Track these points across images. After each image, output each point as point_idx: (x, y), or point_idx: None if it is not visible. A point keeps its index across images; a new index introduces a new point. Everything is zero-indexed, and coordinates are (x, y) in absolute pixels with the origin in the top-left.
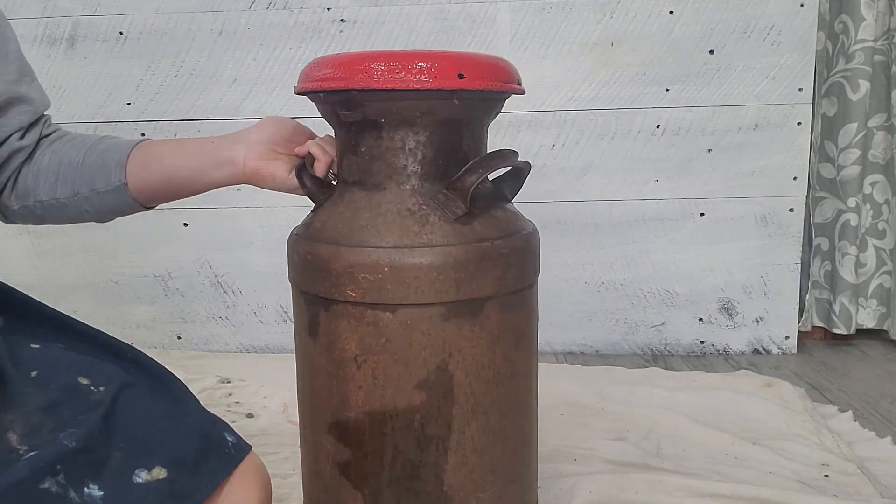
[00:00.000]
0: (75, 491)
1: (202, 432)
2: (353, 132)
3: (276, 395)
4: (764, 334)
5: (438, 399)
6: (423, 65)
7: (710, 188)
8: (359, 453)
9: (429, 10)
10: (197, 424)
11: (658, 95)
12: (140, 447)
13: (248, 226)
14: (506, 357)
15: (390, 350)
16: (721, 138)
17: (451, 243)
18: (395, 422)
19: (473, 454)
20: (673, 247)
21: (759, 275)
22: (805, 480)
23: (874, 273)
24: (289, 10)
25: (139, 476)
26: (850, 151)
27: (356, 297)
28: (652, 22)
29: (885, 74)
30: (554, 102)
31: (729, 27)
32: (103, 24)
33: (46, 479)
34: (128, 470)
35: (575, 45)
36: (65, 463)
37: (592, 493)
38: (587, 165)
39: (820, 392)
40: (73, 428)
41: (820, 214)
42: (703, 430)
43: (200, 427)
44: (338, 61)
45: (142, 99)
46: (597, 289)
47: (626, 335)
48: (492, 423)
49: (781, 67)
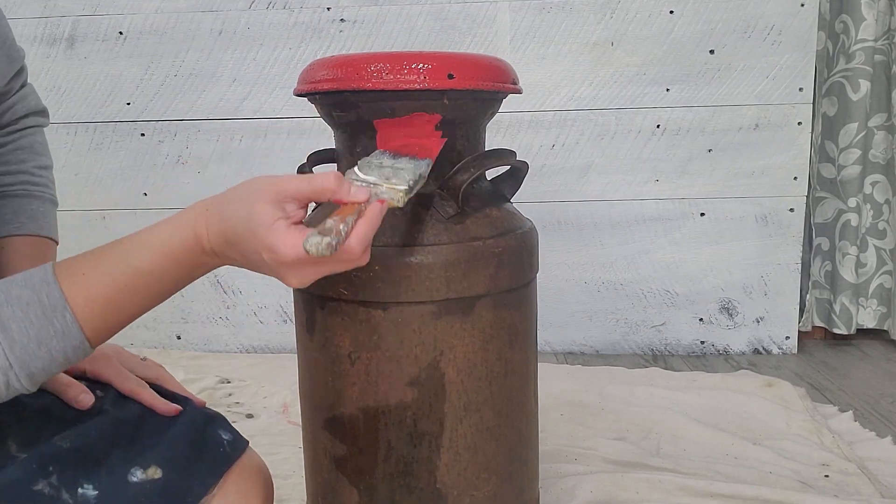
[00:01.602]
0: (68, 492)
1: (196, 430)
2: (349, 132)
3: (277, 395)
4: (764, 334)
5: (430, 396)
6: (414, 66)
7: (710, 188)
8: (354, 449)
9: (429, 9)
10: (191, 422)
11: (658, 95)
12: (136, 445)
13: None
14: (499, 355)
15: (383, 347)
16: (721, 138)
17: (441, 242)
18: (387, 418)
19: (467, 451)
20: (673, 247)
21: (760, 275)
22: (805, 480)
23: (874, 273)
24: (288, 10)
25: (134, 475)
26: (850, 151)
27: (349, 295)
28: (652, 22)
29: (886, 74)
30: (554, 102)
31: (729, 27)
32: (103, 24)
33: (39, 481)
34: (123, 469)
35: (575, 45)
36: (58, 464)
37: (593, 492)
38: (587, 165)
39: (820, 392)
40: (69, 429)
41: (820, 214)
42: (703, 429)
43: (194, 425)
44: (332, 63)
45: (141, 99)
46: (597, 289)
47: (626, 335)
48: (485, 421)
49: (782, 67)
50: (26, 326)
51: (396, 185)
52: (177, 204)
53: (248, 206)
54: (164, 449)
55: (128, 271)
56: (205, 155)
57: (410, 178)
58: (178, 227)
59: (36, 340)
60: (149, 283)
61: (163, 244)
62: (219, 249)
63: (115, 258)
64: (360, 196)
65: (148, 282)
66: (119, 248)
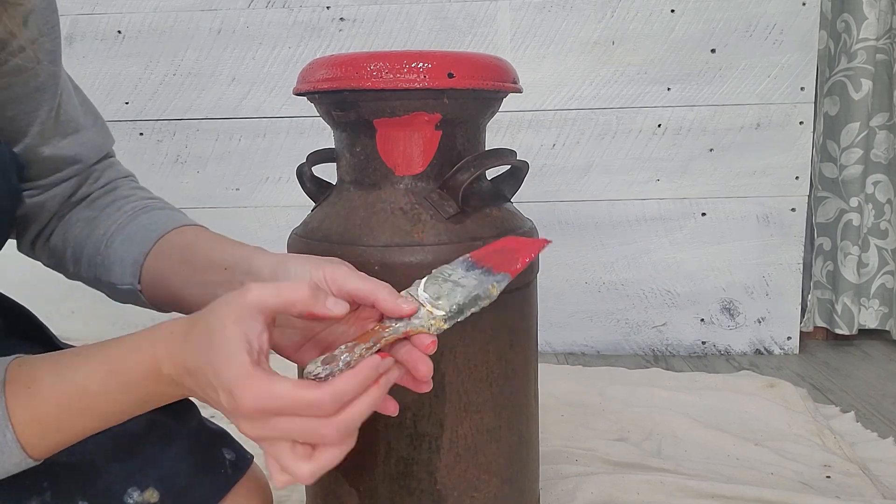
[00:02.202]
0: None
1: (200, 450)
2: (349, 132)
3: None
4: (766, 334)
5: (430, 397)
6: (413, 65)
7: (711, 188)
8: (353, 450)
9: (429, 8)
10: (195, 442)
11: (659, 95)
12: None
13: (247, 226)
14: (500, 356)
15: None
16: (722, 138)
17: (441, 242)
18: (387, 419)
19: (467, 453)
20: (674, 247)
21: (761, 275)
22: (807, 481)
23: (876, 273)
24: (288, 9)
25: (131, 496)
26: (852, 151)
27: None
28: (653, 21)
29: (888, 73)
30: (554, 102)
31: (730, 26)
32: (101, 23)
33: (32, 497)
34: (120, 488)
35: (576, 44)
36: (52, 479)
37: (594, 493)
38: (588, 165)
39: (822, 392)
40: None
41: (822, 214)
42: (704, 430)
43: (199, 444)
44: (331, 62)
45: (140, 98)
46: (598, 289)
47: (627, 335)
48: (486, 422)
49: (783, 66)
50: None
51: (436, 310)
52: (176, 203)
53: (209, 331)
54: (164, 468)
55: (75, 390)
56: (204, 154)
57: (460, 299)
58: (136, 347)
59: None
60: (95, 405)
61: (114, 364)
62: (178, 378)
63: (65, 372)
64: (403, 309)
65: (94, 403)
66: (73, 359)
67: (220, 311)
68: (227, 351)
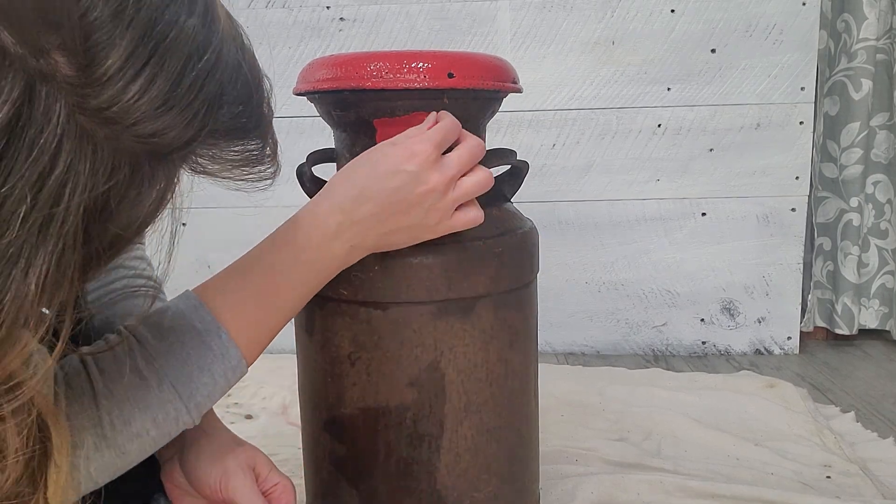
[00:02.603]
0: None
1: None
2: (349, 132)
3: (276, 395)
4: (766, 335)
5: (430, 397)
6: (413, 65)
7: (711, 188)
8: (353, 450)
9: (429, 8)
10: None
11: (659, 94)
12: None
13: (247, 226)
14: (500, 356)
15: (382, 347)
16: (722, 138)
17: (441, 242)
18: (387, 419)
19: (467, 453)
20: (674, 247)
21: (761, 275)
22: (807, 481)
23: (876, 273)
24: (288, 9)
25: None
26: (852, 151)
27: (348, 295)
28: (653, 21)
29: (888, 73)
30: (554, 102)
31: (730, 26)
32: None
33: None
34: None
35: (576, 44)
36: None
37: (594, 493)
38: (588, 165)
39: (822, 393)
40: None
41: (822, 214)
42: (704, 430)
43: None
44: (331, 62)
45: None
46: (597, 289)
47: (626, 335)
48: (486, 423)
49: (783, 66)
50: (185, 355)
51: None
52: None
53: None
54: None
55: (262, 278)
56: None
57: None
58: (300, 221)
59: (198, 366)
60: (281, 292)
61: (286, 241)
62: (347, 211)
63: (249, 267)
64: None
65: (281, 289)
66: (248, 258)
67: None
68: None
